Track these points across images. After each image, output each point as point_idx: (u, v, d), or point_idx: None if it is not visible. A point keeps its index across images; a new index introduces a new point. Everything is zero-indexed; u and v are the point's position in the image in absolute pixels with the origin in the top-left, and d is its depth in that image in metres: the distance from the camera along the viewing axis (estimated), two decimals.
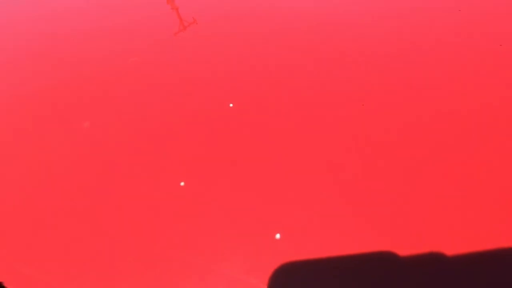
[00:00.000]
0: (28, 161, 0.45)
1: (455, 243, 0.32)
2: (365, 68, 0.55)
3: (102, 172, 0.42)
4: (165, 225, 0.35)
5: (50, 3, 1.05)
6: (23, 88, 0.59)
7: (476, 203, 0.35)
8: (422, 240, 0.33)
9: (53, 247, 0.35)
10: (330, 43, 0.63)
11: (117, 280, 0.32)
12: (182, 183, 0.39)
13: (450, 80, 0.50)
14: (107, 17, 0.90)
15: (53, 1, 1.06)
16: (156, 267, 0.33)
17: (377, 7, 0.74)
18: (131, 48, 0.72)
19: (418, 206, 0.35)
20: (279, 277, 0.30)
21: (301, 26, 0.71)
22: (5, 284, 0.35)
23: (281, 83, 0.54)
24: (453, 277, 0.30)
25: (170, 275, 0.32)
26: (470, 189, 0.36)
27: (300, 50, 0.62)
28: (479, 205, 0.35)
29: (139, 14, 0.93)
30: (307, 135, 0.44)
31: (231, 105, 0.49)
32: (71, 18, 0.93)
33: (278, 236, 0.33)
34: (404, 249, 0.32)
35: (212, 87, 0.56)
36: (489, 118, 0.43)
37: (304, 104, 0.49)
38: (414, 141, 0.41)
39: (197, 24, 0.83)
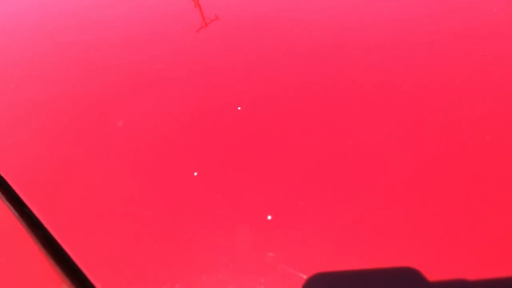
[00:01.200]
0: (65, 155, 0.48)
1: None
2: (384, 71, 0.53)
3: (130, 162, 0.45)
4: (176, 208, 0.39)
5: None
6: (58, 90, 0.61)
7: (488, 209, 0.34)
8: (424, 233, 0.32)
9: (79, 223, 0.37)
10: (358, 48, 0.61)
11: (124, 255, 0.35)
12: (195, 173, 0.43)
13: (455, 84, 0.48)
14: (124, 16, 0.92)
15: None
16: (164, 243, 0.35)
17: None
18: (152, 43, 0.74)
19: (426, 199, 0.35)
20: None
21: (326, 31, 0.71)
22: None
23: (301, 87, 0.54)
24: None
25: (176, 250, 0.35)
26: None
27: (325, 55, 0.62)
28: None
29: (162, 10, 0.95)
30: (314, 134, 0.44)
31: (239, 108, 0.52)
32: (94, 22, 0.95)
33: (269, 217, 0.36)
34: (408, 236, 0.31)
35: (229, 86, 0.57)
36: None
37: (320, 105, 0.49)
38: (421, 141, 0.41)
39: (219, 21, 0.84)
